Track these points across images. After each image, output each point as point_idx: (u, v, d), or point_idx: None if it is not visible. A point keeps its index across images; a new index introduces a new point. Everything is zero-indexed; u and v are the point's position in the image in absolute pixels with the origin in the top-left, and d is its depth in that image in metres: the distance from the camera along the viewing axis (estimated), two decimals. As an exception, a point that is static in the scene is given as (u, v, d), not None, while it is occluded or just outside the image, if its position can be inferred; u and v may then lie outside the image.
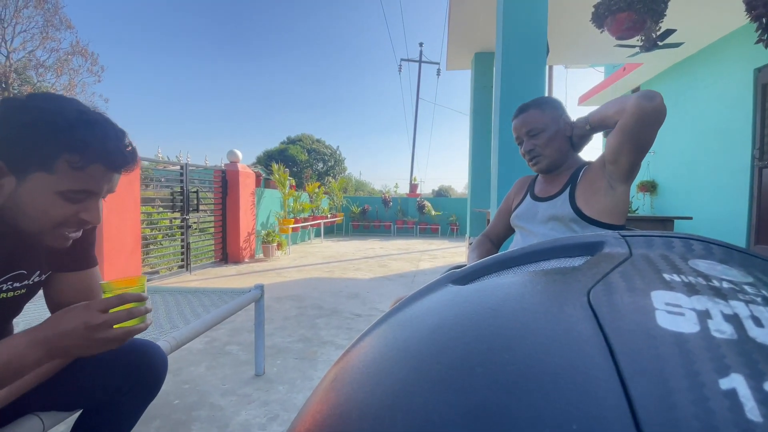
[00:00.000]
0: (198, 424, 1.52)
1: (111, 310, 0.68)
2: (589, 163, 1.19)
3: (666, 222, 3.33)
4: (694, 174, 5.77)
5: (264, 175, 6.96)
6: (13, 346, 0.62)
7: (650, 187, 6.82)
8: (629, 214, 3.79)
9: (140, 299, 0.71)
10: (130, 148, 0.73)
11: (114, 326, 0.67)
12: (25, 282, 0.76)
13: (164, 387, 1.79)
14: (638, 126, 0.97)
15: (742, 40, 4.87)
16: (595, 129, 1.15)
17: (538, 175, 1.35)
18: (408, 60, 19.01)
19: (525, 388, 0.15)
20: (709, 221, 5.40)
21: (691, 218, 3.54)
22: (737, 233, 4.92)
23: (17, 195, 0.64)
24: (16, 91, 14.85)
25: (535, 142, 1.19)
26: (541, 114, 1.19)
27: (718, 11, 4.42)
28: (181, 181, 4.68)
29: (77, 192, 0.67)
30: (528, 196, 1.30)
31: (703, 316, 0.17)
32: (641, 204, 7.11)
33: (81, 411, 0.91)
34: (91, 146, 0.66)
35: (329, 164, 23.54)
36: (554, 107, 1.21)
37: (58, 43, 15.62)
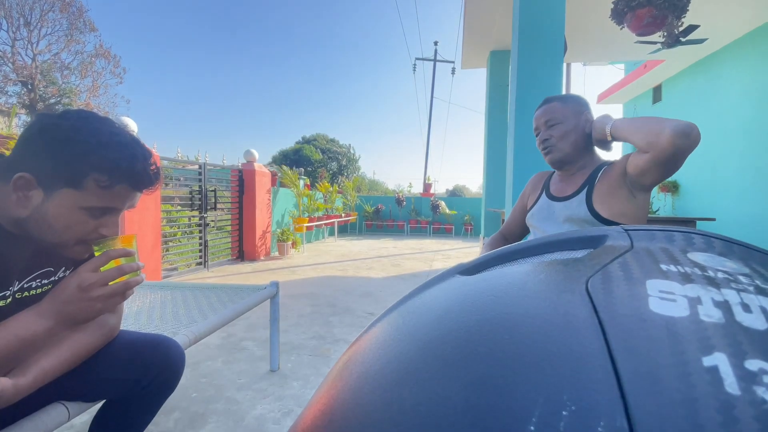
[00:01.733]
0: (215, 417, 1.56)
1: (102, 269, 0.69)
2: (608, 164, 1.16)
3: (687, 223, 3.25)
4: (717, 174, 5.61)
5: (279, 174, 7.05)
6: (22, 320, 0.65)
7: (672, 188, 6.66)
8: (649, 215, 3.71)
9: (127, 254, 0.72)
10: (154, 168, 0.75)
11: (109, 283, 0.69)
12: (53, 278, 0.80)
13: (183, 380, 1.84)
14: (672, 161, 0.94)
15: (767, 36, 4.71)
16: (616, 140, 1.12)
17: (554, 173, 1.33)
18: (422, 59, 18.93)
19: (522, 365, 0.16)
20: (733, 223, 5.25)
21: (714, 219, 3.46)
22: (763, 235, 4.77)
23: (43, 208, 0.66)
24: (41, 92, 15.35)
25: (552, 132, 1.18)
26: (563, 107, 1.18)
27: (741, 6, 4.29)
28: (200, 180, 4.78)
29: (101, 209, 0.70)
30: (543, 194, 1.28)
31: (694, 302, 0.18)
32: (662, 205, 6.96)
33: (103, 402, 0.95)
34: (120, 167, 0.68)
35: (343, 163, 23.65)
36: (578, 103, 1.20)
37: (83, 45, 16.08)
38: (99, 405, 0.96)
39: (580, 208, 1.11)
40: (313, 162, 21.20)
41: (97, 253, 0.71)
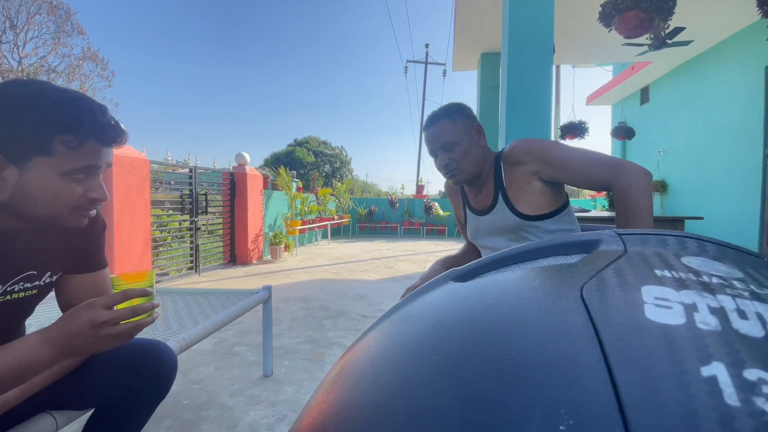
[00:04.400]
0: (207, 424, 1.54)
1: (117, 307, 0.68)
2: (500, 156, 1.15)
3: (676, 222, 3.28)
4: (704, 174, 5.70)
5: (271, 177, 7.01)
6: (26, 345, 0.64)
7: (660, 187, 6.75)
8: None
9: (145, 294, 0.71)
10: (114, 122, 0.72)
11: (121, 322, 0.68)
12: (36, 282, 0.78)
13: (174, 387, 1.81)
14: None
15: (752, 37, 4.81)
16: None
17: None
18: (414, 61, 18.99)
19: (518, 377, 0.16)
20: (720, 222, 5.33)
21: (701, 218, 3.51)
22: (749, 233, 4.85)
23: (24, 184, 0.64)
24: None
25: (451, 156, 1.13)
26: (453, 125, 1.13)
27: (727, 8, 4.37)
28: (190, 183, 4.74)
29: (80, 170, 0.67)
30: (467, 209, 1.26)
31: (690, 309, 0.18)
32: (651, 204, 7.03)
33: (93, 410, 0.93)
34: (83, 122, 0.66)
35: (336, 166, 23.64)
36: (466, 116, 1.15)
37: (70, 48, 15.88)
38: (88, 414, 0.93)
39: (506, 215, 1.11)
40: (305, 165, 21.16)
41: (115, 290, 0.70)
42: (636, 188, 0.94)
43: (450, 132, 1.12)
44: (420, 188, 11.97)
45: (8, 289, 0.73)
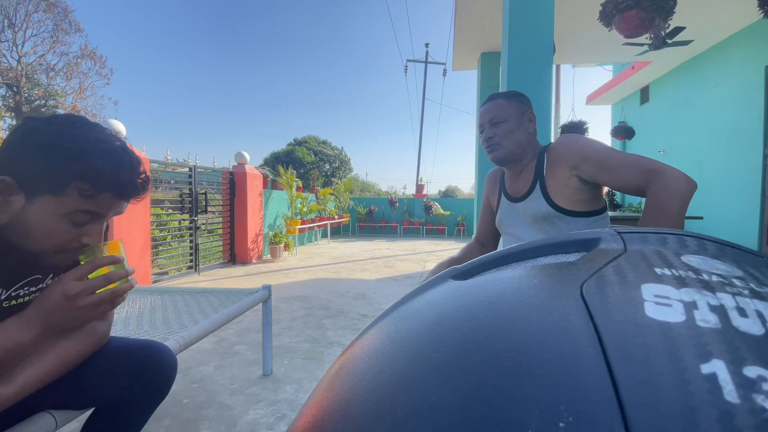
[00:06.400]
0: (207, 423, 1.54)
1: (89, 277, 0.68)
2: (546, 149, 1.18)
3: (675, 222, 3.28)
4: (704, 174, 5.70)
5: (271, 176, 7.01)
6: (5, 329, 0.64)
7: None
8: (639, 214, 3.75)
9: (114, 261, 0.70)
10: (143, 176, 0.74)
11: (97, 291, 0.68)
12: (41, 286, 0.78)
13: (174, 386, 1.81)
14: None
15: (752, 37, 4.81)
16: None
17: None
18: (414, 61, 18.98)
19: (518, 374, 0.16)
20: (720, 221, 5.33)
21: (701, 218, 3.51)
22: (749, 233, 4.85)
23: (23, 214, 0.65)
24: (26, 95, 15.10)
25: (495, 131, 1.19)
26: (507, 104, 1.20)
27: (727, 8, 4.37)
28: (190, 182, 4.73)
29: (83, 214, 0.68)
30: (502, 195, 1.29)
31: (690, 307, 0.18)
32: (650, 204, 7.03)
33: (92, 409, 0.93)
34: (104, 176, 0.66)
35: (335, 165, 23.65)
36: (523, 102, 1.22)
37: (68, 46, 15.87)
38: (88, 413, 0.93)
39: (540, 204, 1.13)
40: (305, 164, 21.16)
41: (83, 261, 0.69)
42: (670, 194, 0.88)
43: (502, 110, 1.19)
44: (420, 188, 11.97)
45: (12, 294, 0.73)
